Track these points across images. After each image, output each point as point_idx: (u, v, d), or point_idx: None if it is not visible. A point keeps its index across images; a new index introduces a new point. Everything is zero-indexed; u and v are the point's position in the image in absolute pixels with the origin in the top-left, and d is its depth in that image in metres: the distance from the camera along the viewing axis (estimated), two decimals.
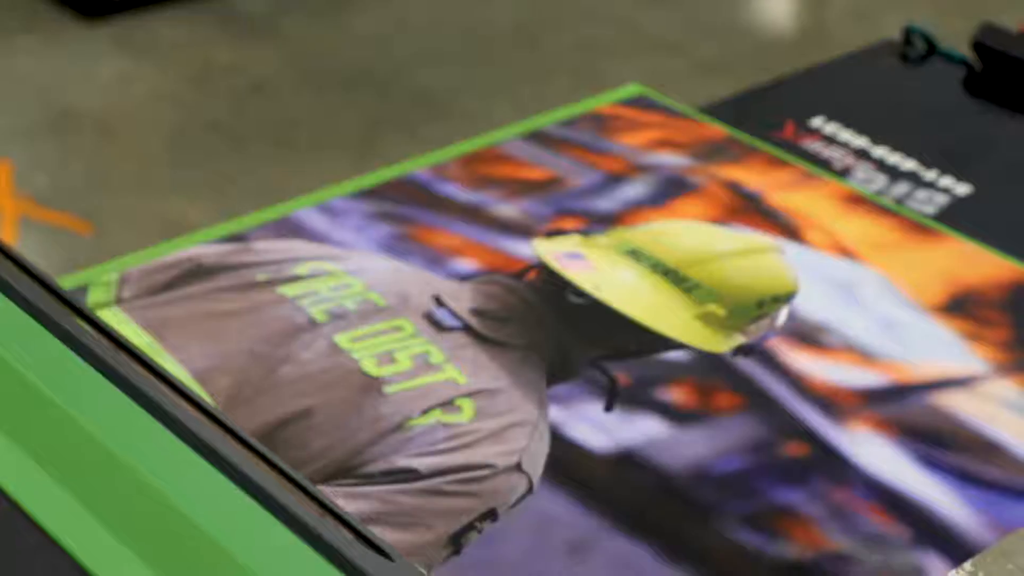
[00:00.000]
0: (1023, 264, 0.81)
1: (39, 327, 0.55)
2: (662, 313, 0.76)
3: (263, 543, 0.48)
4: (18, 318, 0.55)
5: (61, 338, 0.55)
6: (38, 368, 0.53)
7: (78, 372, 0.54)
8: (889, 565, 0.62)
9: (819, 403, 0.71)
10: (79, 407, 0.52)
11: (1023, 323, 0.76)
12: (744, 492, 0.66)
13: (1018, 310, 0.78)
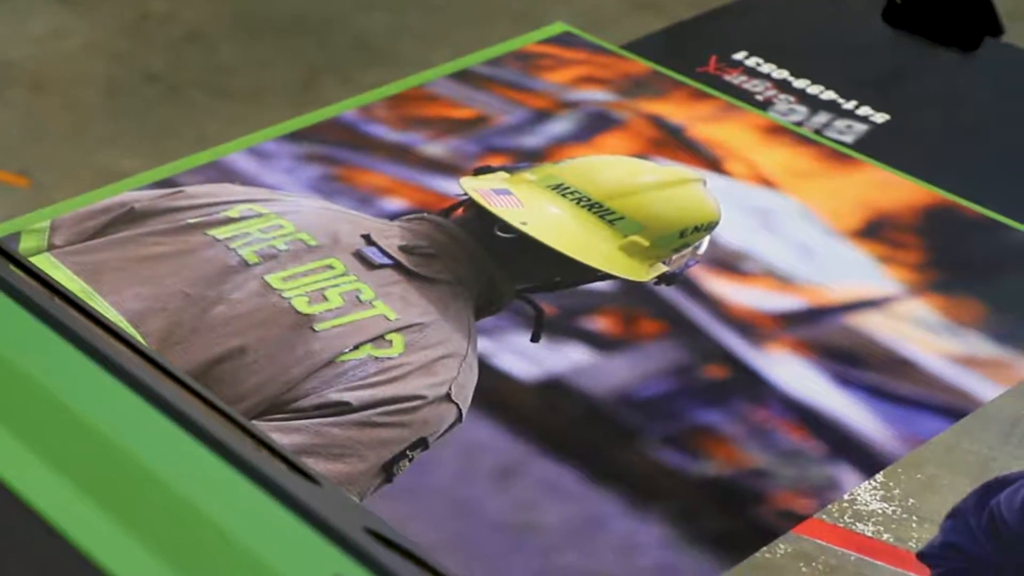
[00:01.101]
0: (936, 189, 0.83)
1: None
2: (587, 245, 0.78)
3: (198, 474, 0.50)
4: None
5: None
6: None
7: (12, 317, 0.55)
8: (805, 478, 0.64)
9: (738, 327, 0.73)
10: (13, 351, 0.53)
11: (935, 245, 0.79)
12: (666, 414, 0.68)
13: (930, 233, 0.80)
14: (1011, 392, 0.69)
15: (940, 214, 0.82)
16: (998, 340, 0.72)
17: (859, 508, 0.63)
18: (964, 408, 0.68)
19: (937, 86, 0.99)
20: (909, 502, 0.63)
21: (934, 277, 0.76)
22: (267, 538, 0.41)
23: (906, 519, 0.62)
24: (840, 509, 0.63)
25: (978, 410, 0.68)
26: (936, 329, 0.73)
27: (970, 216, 0.81)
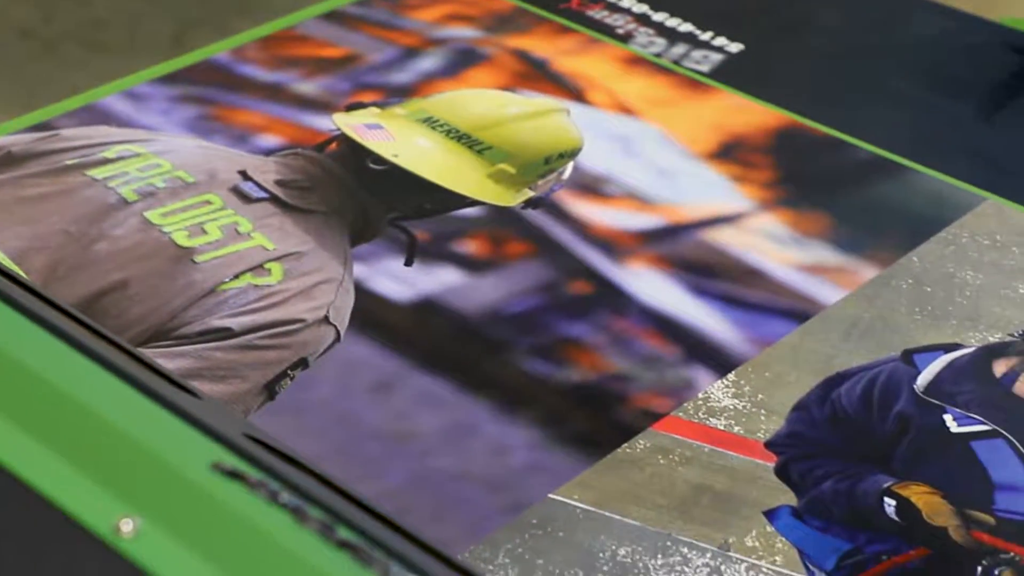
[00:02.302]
0: (786, 112, 0.88)
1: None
2: (457, 174, 0.82)
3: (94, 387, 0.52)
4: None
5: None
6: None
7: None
8: (662, 380, 0.69)
9: (601, 245, 0.77)
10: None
11: (784, 164, 0.84)
12: (534, 328, 0.72)
13: (780, 153, 0.85)
14: (852, 295, 0.74)
15: (789, 135, 0.86)
16: (841, 249, 0.77)
17: (712, 405, 0.67)
18: (809, 311, 0.73)
19: (790, 17, 1.03)
20: (758, 397, 0.68)
21: (783, 194, 0.81)
22: (155, 436, 0.45)
23: (755, 413, 0.67)
24: (695, 406, 0.67)
25: (821, 312, 0.73)
26: (784, 241, 0.78)
27: (816, 136, 0.86)
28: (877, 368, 0.68)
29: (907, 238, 0.77)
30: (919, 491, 0.62)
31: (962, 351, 0.69)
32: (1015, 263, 0.76)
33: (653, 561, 0.60)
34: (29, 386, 0.51)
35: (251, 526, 0.35)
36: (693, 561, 0.60)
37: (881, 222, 0.79)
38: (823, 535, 0.61)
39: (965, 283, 0.75)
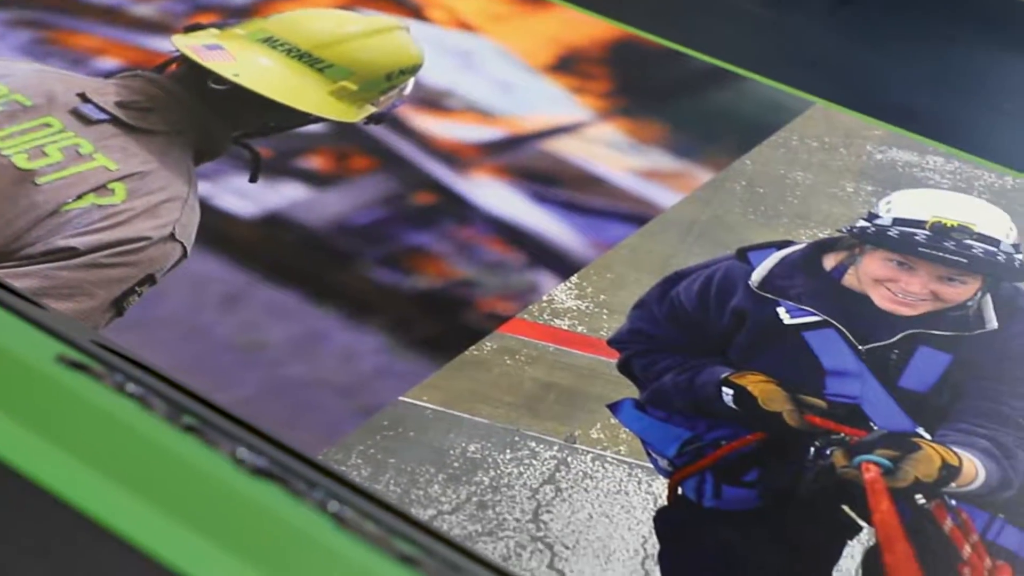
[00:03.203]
0: (622, 25, 0.90)
1: None
2: (299, 92, 0.82)
3: None
4: None
5: None
6: None
7: None
8: (507, 285, 0.70)
9: (444, 158, 0.78)
10: None
11: (620, 75, 0.86)
12: (380, 238, 0.73)
13: (617, 65, 0.87)
14: (688, 198, 0.76)
15: (625, 48, 0.88)
16: (677, 154, 0.79)
17: (556, 306, 0.69)
18: (647, 215, 0.75)
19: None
20: (600, 298, 0.70)
21: (620, 103, 0.83)
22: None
23: (598, 312, 0.69)
24: (540, 309, 0.69)
25: (659, 215, 0.75)
26: (623, 148, 0.80)
27: (652, 48, 0.88)
28: (713, 266, 0.71)
29: (740, 142, 0.80)
30: (755, 380, 0.65)
31: (793, 247, 0.72)
32: (842, 163, 0.79)
33: (502, 456, 0.61)
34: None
35: (97, 412, 0.35)
36: (541, 454, 0.62)
37: (715, 128, 0.81)
38: (665, 424, 0.64)
39: (795, 183, 0.77)
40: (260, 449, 0.36)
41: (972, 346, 0.66)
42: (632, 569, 0.56)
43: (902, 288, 0.68)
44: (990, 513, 0.59)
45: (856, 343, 0.66)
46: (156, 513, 0.33)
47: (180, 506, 0.33)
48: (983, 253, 0.68)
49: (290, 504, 0.34)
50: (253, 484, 0.34)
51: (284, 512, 0.33)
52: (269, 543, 0.33)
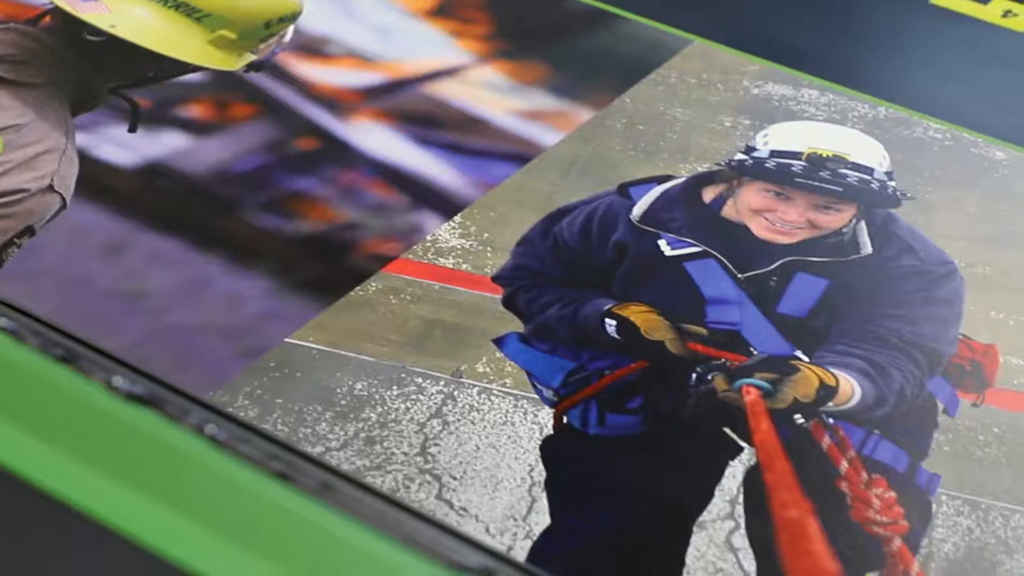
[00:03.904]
0: None
1: None
2: (177, 42, 0.82)
3: None
4: None
5: None
6: None
7: None
8: (391, 226, 0.71)
9: (325, 103, 0.78)
10: None
11: (499, 18, 0.86)
12: (262, 185, 0.73)
13: (497, 8, 0.87)
14: (569, 137, 0.77)
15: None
16: (558, 94, 0.80)
17: (440, 246, 0.70)
18: (530, 154, 0.76)
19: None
20: (484, 236, 0.70)
21: (501, 46, 0.84)
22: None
23: (482, 251, 0.70)
24: (424, 248, 0.69)
25: (542, 154, 0.76)
26: (504, 90, 0.80)
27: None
28: (595, 202, 0.72)
29: (620, 81, 0.81)
30: (637, 310, 0.66)
31: (673, 182, 0.73)
32: (720, 99, 0.80)
33: (389, 392, 0.62)
34: None
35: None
36: (428, 389, 0.62)
37: (595, 68, 0.82)
38: (549, 356, 0.65)
39: (675, 119, 0.78)
40: (134, 379, 0.36)
41: (847, 271, 0.68)
42: (519, 497, 0.57)
43: (779, 217, 0.69)
44: (866, 429, 0.61)
45: (735, 272, 0.67)
46: (30, 438, 0.33)
47: (54, 431, 0.33)
48: (857, 181, 0.70)
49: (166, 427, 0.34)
50: (128, 409, 0.34)
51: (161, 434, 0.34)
52: (146, 464, 0.33)
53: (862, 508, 0.58)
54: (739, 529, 0.57)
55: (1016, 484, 0.59)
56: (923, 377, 0.63)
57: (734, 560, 0.56)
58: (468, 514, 0.56)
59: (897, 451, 0.61)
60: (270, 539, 0.30)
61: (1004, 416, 0.63)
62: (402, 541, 0.33)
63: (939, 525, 0.57)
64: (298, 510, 0.32)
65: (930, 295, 0.67)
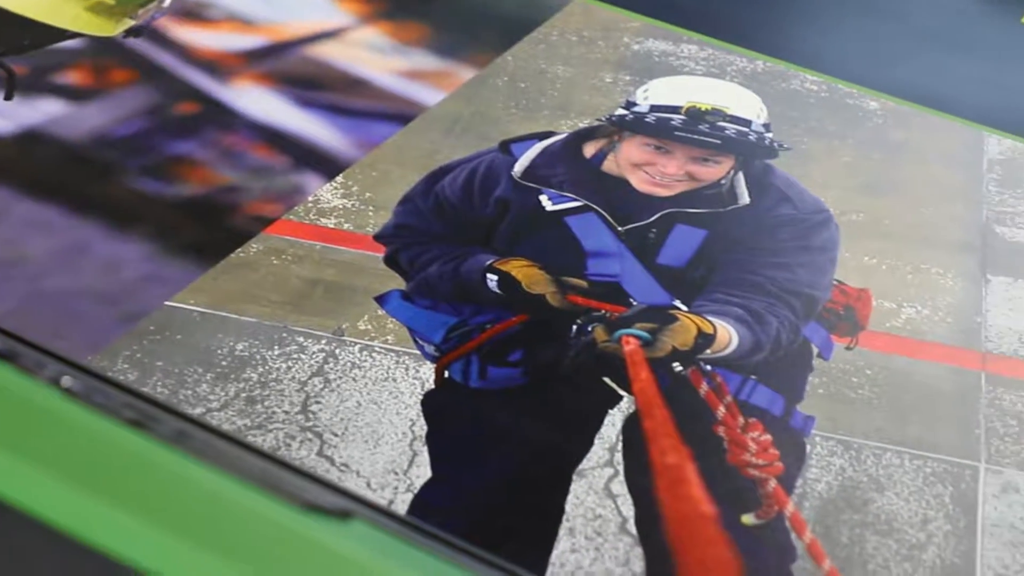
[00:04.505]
0: None
1: None
2: (54, 9, 0.81)
3: None
4: None
5: None
6: None
7: None
8: (272, 188, 0.71)
9: (206, 67, 0.78)
10: None
11: None
12: (142, 149, 0.72)
13: None
14: (451, 96, 0.77)
15: None
16: (439, 54, 0.80)
17: (322, 206, 0.70)
18: (412, 113, 0.76)
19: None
20: (366, 195, 0.71)
21: (381, 7, 0.84)
22: None
23: (363, 210, 0.70)
24: (305, 209, 0.70)
25: (424, 114, 0.76)
26: (385, 50, 0.80)
27: None
28: (477, 159, 0.72)
29: (501, 40, 0.81)
30: (518, 265, 0.66)
31: (555, 138, 0.73)
32: (601, 55, 0.81)
33: (270, 352, 0.62)
34: None
35: None
36: (309, 348, 0.62)
37: (476, 27, 0.82)
38: (431, 312, 0.65)
39: (556, 77, 0.79)
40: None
41: (726, 221, 0.68)
42: (400, 451, 0.58)
43: (659, 171, 0.70)
44: (743, 375, 0.62)
45: (615, 225, 0.68)
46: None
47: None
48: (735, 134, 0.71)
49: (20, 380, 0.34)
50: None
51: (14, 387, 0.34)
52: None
53: (738, 452, 0.59)
54: (618, 476, 0.58)
55: (888, 423, 0.61)
56: (798, 323, 0.65)
57: (613, 506, 0.56)
58: (349, 470, 0.57)
59: (773, 395, 0.62)
60: (123, 485, 0.31)
61: (877, 358, 0.64)
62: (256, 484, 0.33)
63: (813, 465, 0.59)
64: (152, 457, 0.32)
65: (806, 243, 0.68)
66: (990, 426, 0.60)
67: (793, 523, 0.56)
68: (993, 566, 0.54)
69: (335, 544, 0.34)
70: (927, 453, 0.59)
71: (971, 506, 0.57)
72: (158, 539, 0.33)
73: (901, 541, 0.55)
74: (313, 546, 0.34)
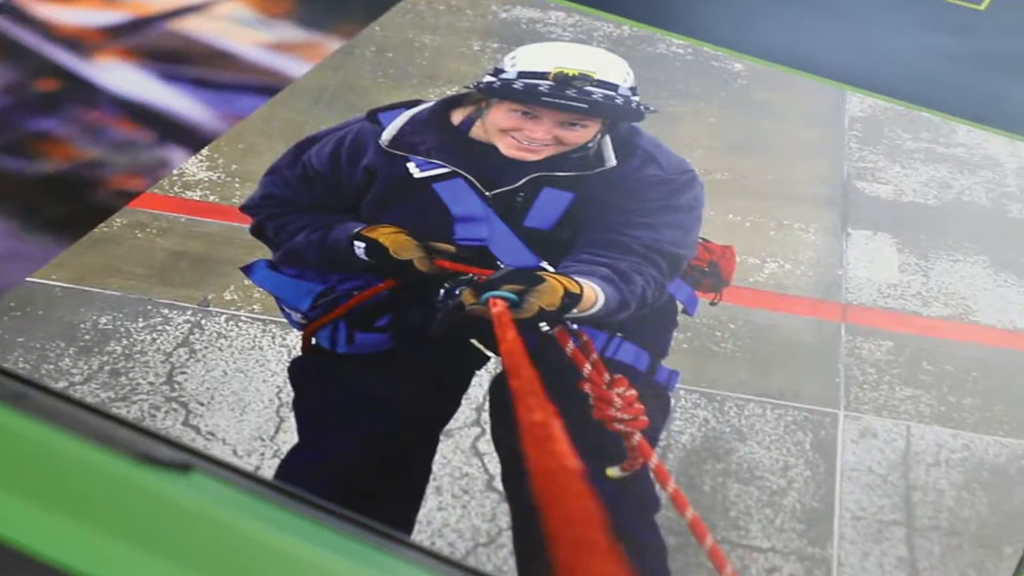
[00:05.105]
0: None
1: None
2: None
3: None
4: None
5: None
6: None
7: None
8: (136, 162, 0.70)
9: (68, 44, 0.77)
10: None
11: None
12: (2, 127, 0.71)
13: None
14: (318, 67, 0.77)
15: None
16: (306, 25, 0.80)
17: (188, 179, 0.69)
18: (278, 85, 0.75)
19: None
20: (232, 167, 0.70)
21: None
22: None
23: (229, 182, 0.69)
24: (170, 183, 0.69)
25: (290, 85, 0.76)
26: (251, 24, 0.80)
27: None
28: (344, 129, 0.72)
29: (368, 10, 0.81)
30: (386, 232, 0.66)
31: (423, 106, 0.73)
32: (469, 24, 0.81)
33: (135, 325, 0.61)
34: None
35: None
36: (174, 320, 0.62)
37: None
38: (298, 281, 0.65)
39: (424, 46, 0.79)
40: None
41: (593, 184, 0.69)
42: (267, 418, 0.58)
43: (526, 136, 0.70)
44: (608, 333, 0.63)
45: (483, 190, 0.68)
46: None
47: None
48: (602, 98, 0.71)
49: None
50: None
51: None
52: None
53: (604, 407, 0.60)
54: (485, 435, 0.58)
55: (750, 375, 0.62)
56: (664, 280, 0.65)
57: (480, 464, 0.57)
58: (215, 438, 0.56)
59: (638, 351, 0.63)
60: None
61: (740, 312, 0.65)
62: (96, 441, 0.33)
63: (677, 418, 0.60)
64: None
65: (671, 202, 0.69)
66: (849, 374, 0.62)
67: (657, 474, 0.57)
68: (851, 508, 0.55)
69: (176, 495, 0.34)
70: (788, 403, 0.60)
71: (830, 452, 0.58)
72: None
73: (763, 488, 0.56)
74: (153, 498, 0.34)
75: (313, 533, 0.51)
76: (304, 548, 0.50)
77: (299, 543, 0.50)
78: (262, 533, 0.49)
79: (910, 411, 0.60)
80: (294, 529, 0.51)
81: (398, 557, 0.52)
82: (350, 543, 0.52)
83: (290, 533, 0.51)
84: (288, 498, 0.52)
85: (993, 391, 0.61)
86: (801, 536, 0.54)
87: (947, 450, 0.58)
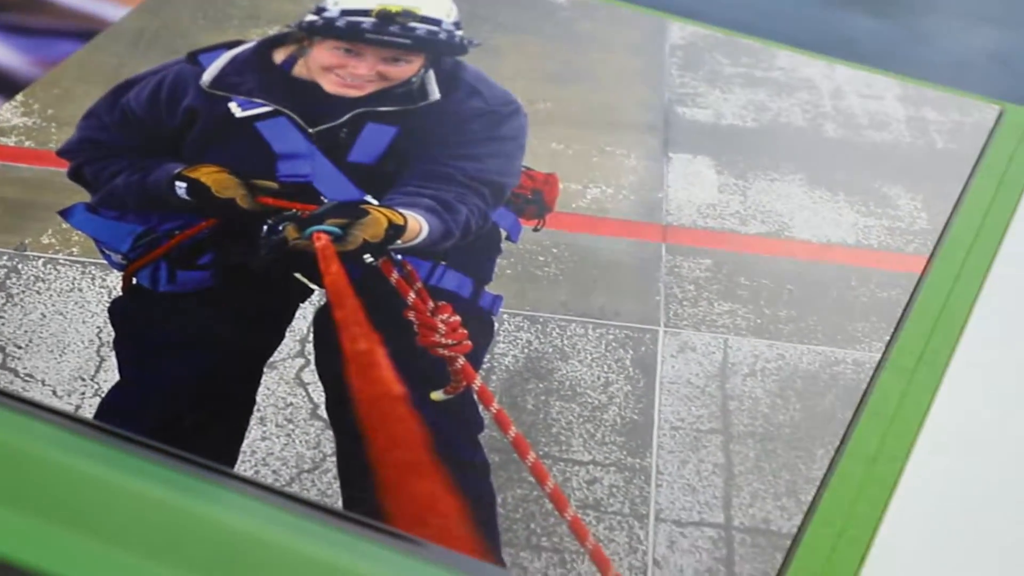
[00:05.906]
0: None
1: None
2: None
3: None
4: None
5: None
6: None
7: None
8: None
9: None
10: None
11: None
12: None
13: None
14: (136, 10, 0.76)
15: None
16: None
17: (2, 125, 0.68)
18: (95, 29, 0.74)
19: None
20: (48, 112, 0.69)
21: None
22: None
23: (46, 127, 0.68)
24: None
25: (107, 29, 0.74)
26: None
27: None
28: (163, 71, 0.71)
29: None
30: (207, 171, 0.66)
31: (244, 46, 0.73)
32: None
33: None
34: None
35: None
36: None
37: None
38: (117, 223, 0.64)
39: None
40: None
41: (417, 117, 0.69)
42: (87, 358, 0.57)
43: (350, 72, 0.70)
44: (432, 262, 0.63)
45: (306, 127, 0.68)
46: None
47: None
48: (426, 33, 0.71)
49: None
50: None
51: None
52: None
53: (428, 334, 0.60)
54: (309, 366, 0.58)
55: (572, 298, 0.63)
56: (488, 209, 0.66)
57: (304, 394, 0.57)
58: (34, 379, 0.56)
59: (462, 279, 0.63)
60: None
61: (563, 237, 0.66)
62: None
63: (501, 341, 0.60)
64: None
65: (495, 133, 0.70)
66: (669, 292, 0.63)
67: (481, 396, 0.58)
68: (670, 419, 0.57)
69: None
70: (610, 321, 0.61)
71: (650, 367, 0.59)
72: None
73: (584, 404, 0.57)
74: None
75: (141, 468, 0.51)
76: (130, 481, 0.50)
77: (122, 476, 0.50)
78: (92, 469, 0.49)
79: (728, 325, 0.61)
80: (118, 464, 0.51)
81: (223, 487, 0.52)
82: (176, 476, 0.52)
83: (115, 468, 0.51)
84: (107, 435, 0.52)
85: (807, 302, 0.63)
86: (621, 448, 0.55)
87: (763, 360, 0.60)
